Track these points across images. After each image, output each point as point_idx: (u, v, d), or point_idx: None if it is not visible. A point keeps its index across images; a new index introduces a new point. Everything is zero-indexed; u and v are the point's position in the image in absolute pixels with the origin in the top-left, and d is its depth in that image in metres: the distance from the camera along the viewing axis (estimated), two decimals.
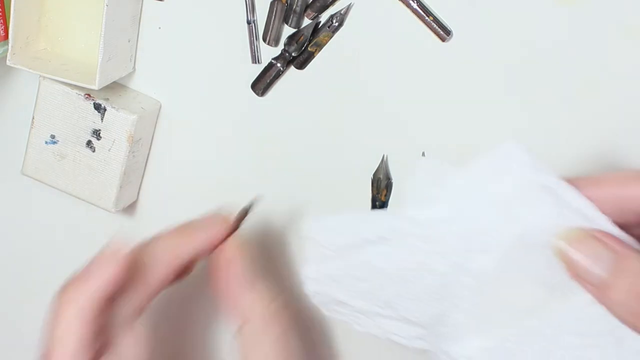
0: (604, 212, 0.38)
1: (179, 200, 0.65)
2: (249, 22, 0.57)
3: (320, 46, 0.56)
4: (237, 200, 0.63)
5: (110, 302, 0.48)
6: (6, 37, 0.60)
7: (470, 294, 0.41)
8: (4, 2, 0.60)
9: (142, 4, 0.60)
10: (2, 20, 0.60)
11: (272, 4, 0.56)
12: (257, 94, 0.59)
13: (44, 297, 0.74)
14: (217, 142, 0.62)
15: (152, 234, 0.53)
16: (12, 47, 0.59)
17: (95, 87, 0.58)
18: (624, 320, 0.37)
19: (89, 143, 0.62)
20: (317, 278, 0.46)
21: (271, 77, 0.58)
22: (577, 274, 0.38)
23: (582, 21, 0.50)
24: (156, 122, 0.63)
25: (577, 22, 0.50)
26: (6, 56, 0.60)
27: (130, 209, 0.66)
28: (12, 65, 0.60)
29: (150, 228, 0.67)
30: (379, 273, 0.43)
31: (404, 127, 0.56)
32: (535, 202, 0.39)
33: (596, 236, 0.38)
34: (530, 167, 0.39)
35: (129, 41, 0.60)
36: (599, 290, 0.37)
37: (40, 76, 0.61)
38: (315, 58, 0.57)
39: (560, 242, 0.38)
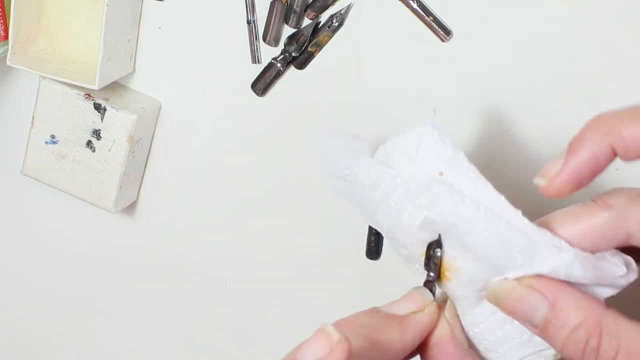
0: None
1: (179, 200, 0.65)
2: (249, 22, 0.57)
3: (320, 46, 0.56)
4: (237, 199, 0.63)
5: None
6: (6, 37, 0.60)
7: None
8: (4, 2, 0.60)
9: (142, 4, 0.60)
10: (2, 20, 0.60)
11: (272, 4, 0.56)
12: (257, 94, 0.59)
13: (43, 297, 0.74)
14: (217, 141, 0.62)
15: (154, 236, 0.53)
16: (12, 47, 0.59)
17: (95, 87, 0.58)
18: (567, 356, 0.38)
19: (89, 143, 0.62)
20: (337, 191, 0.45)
21: (271, 77, 0.58)
22: (515, 319, 0.39)
23: (582, 21, 0.50)
24: (156, 122, 0.63)
25: (577, 22, 0.50)
26: (6, 56, 0.60)
27: (130, 209, 0.66)
28: (12, 65, 0.60)
29: (150, 228, 0.67)
30: (362, 204, 0.44)
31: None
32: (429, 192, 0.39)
33: (528, 284, 0.38)
34: (439, 156, 0.40)
35: (129, 41, 0.60)
36: (538, 331, 0.38)
37: (40, 76, 0.61)
38: (315, 58, 0.57)
39: (492, 292, 0.39)
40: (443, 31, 0.53)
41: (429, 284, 0.40)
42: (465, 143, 0.55)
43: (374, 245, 0.58)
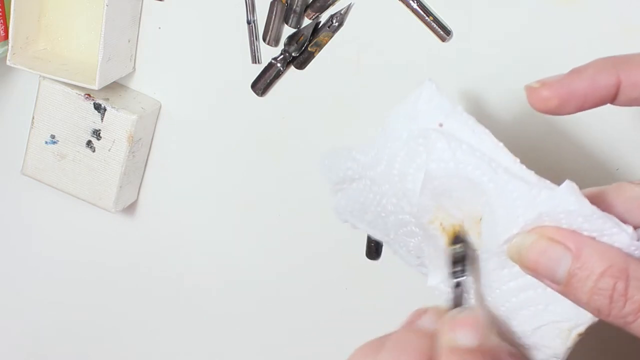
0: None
1: (179, 200, 0.65)
2: (249, 22, 0.57)
3: (320, 46, 0.56)
4: (237, 199, 0.63)
5: None
6: (6, 37, 0.60)
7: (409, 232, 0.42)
8: (4, 2, 0.60)
9: (142, 4, 0.60)
10: (2, 20, 0.60)
11: (272, 4, 0.56)
12: (257, 94, 0.59)
13: (43, 297, 0.74)
14: (217, 141, 0.62)
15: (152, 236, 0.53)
16: (12, 47, 0.59)
17: (95, 87, 0.58)
18: (590, 311, 0.37)
19: (89, 143, 0.62)
20: (340, 212, 0.46)
21: (271, 77, 0.58)
22: (538, 276, 0.38)
23: (582, 21, 0.50)
24: (156, 122, 0.63)
25: (577, 22, 0.50)
26: (6, 56, 0.60)
27: (130, 209, 0.66)
28: (12, 65, 0.60)
29: (150, 228, 0.67)
30: (366, 207, 0.44)
31: None
32: (433, 145, 0.39)
33: (550, 237, 0.37)
34: (437, 109, 0.40)
35: (129, 41, 0.60)
36: (562, 287, 0.37)
37: (40, 76, 0.61)
38: (315, 58, 0.57)
39: (514, 248, 0.38)
40: (443, 31, 0.53)
41: (457, 292, 0.39)
42: None
43: (374, 245, 0.58)
